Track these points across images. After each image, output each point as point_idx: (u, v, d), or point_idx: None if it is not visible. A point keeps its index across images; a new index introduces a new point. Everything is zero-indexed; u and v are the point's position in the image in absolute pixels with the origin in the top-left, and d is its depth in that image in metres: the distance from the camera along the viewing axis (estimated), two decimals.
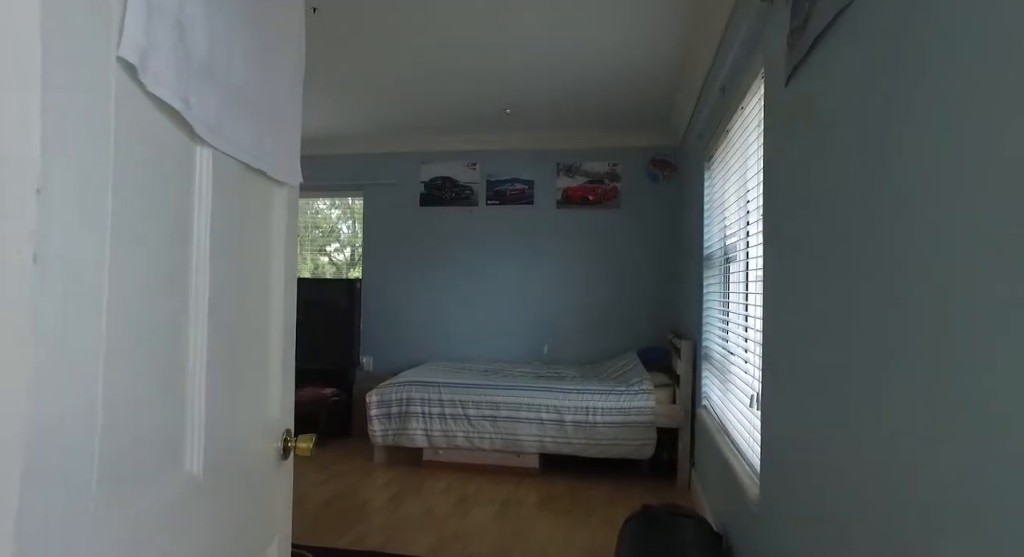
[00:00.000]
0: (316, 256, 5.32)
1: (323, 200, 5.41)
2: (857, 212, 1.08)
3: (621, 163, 4.89)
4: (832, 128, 1.24)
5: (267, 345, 1.10)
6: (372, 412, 3.87)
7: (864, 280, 1.04)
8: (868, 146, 1.04)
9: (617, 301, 4.84)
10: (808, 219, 1.39)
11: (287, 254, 1.18)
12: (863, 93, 1.07)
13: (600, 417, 3.63)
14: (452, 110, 4.34)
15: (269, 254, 1.11)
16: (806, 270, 1.39)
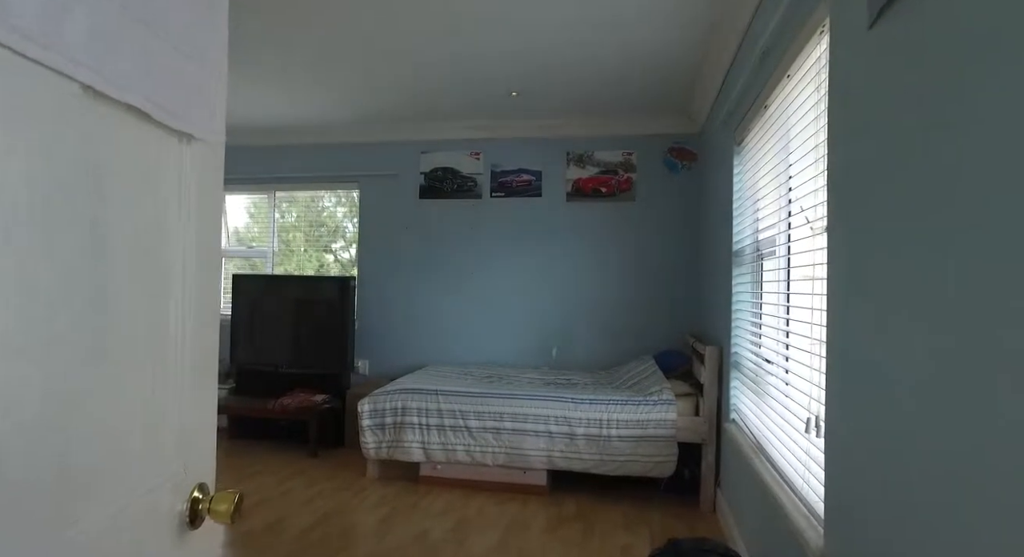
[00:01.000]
0: (321, 255, 4.98)
1: (328, 198, 5.06)
2: (1003, 185, 0.73)
3: (637, 152, 4.52)
4: (961, 69, 0.88)
5: (162, 361, 0.76)
6: (364, 422, 3.53)
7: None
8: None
9: (632, 301, 4.48)
10: (917, 198, 1.03)
11: (203, 231, 0.84)
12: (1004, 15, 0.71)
13: (615, 430, 3.28)
14: (454, 93, 3.99)
15: (165, 230, 0.77)
16: (913, 263, 1.03)
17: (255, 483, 3.46)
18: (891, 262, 1.12)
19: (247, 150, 5.06)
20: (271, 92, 4.02)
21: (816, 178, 1.82)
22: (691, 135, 4.40)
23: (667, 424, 3.23)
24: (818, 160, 1.83)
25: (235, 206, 5.28)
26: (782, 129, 2.28)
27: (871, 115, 1.24)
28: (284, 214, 5.02)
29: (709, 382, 3.20)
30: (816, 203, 1.81)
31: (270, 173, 5.01)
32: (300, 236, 4.96)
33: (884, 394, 1.14)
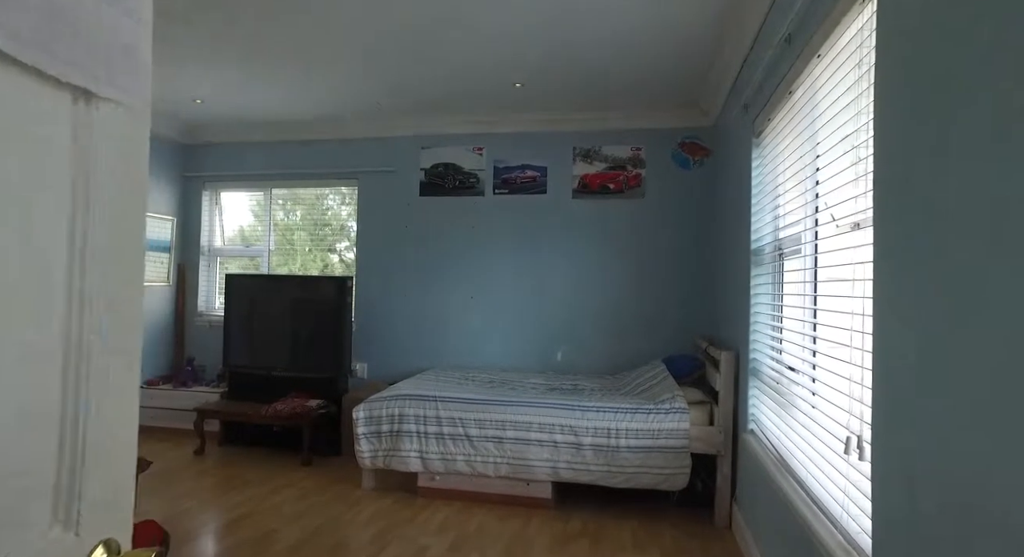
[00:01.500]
0: (326, 255, 4.80)
1: (332, 197, 4.87)
2: None
3: (646, 147, 4.33)
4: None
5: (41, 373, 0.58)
6: (359, 430, 3.35)
7: None
8: None
9: (641, 302, 4.28)
10: (997, 185, 0.83)
11: (115, 208, 0.66)
12: None
13: (624, 440, 3.08)
14: (455, 84, 3.81)
15: (54, 212, 0.59)
16: (988, 262, 0.84)
17: (242, 494, 3.29)
18: (961, 261, 0.93)
19: (241, 147, 4.90)
20: (262, 85, 3.85)
21: (852, 168, 1.63)
22: (704, 129, 4.20)
23: (679, 434, 3.03)
24: (855, 148, 1.64)
25: (236, 204, 5.09)
26: (809, 116, 2.09)
27: (936, 92, 1.04)
28: (288, 213, 4.84)
29: (724, 390, 3.00)
30: (853, 195, 1.62)
31: (265, 170, 4.84)
32: (304, 236, 4.77)
33: (955, 415, 0.94)
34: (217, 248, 5.06)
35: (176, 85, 3.90)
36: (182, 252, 4.97)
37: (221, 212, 5.07)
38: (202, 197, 4.99)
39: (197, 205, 4.99)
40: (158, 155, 4.74)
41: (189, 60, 3.50)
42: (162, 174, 4.78)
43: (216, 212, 5.05)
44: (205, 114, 4.52)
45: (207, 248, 5.03)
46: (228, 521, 2.91)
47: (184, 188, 4.98)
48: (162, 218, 4.77)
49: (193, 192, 4.99)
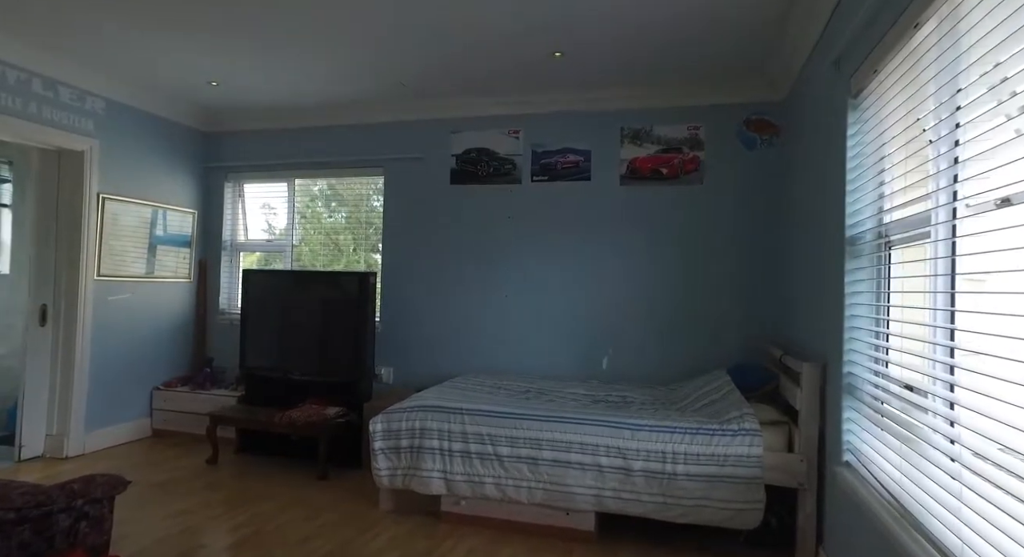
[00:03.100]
0: (369, 255, 4.46)
1: (376, 198, 4.50)
2: None
3: (705, 126, 3.80)
4: None
5: None
6: (376, 445, 2.97)
7: None
8: None
9: (700, 302, 3.75)
10: None
11: None
12: None
13: (682, 466, 2.59)
14: (487, 57, 3.38)
15: None
16: None
17: (249, 511, 2.96)
18: None
19: (261, 134, 4.62)
20: (279, 63, 3.52)
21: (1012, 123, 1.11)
22: (773, 104, 3.64)
23: (751, 461, 2.52)
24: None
25: (263, 197, 4.80)
26: (944, 58, 1.56)
27: None
28: (332, 213, 4.52)
29: (807, 409, 2.47)
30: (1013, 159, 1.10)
31: (286, 159, 4.54)
32: (349, 237, 4.42)
33: None
34: (240, 243, 4.80)
35: (188, 64, 3.62)
36: (203, 247, 4.73)
37: (244, 204, 4.81)
38: (224, 189, 4.74)
39: (219, 197, 4.74)
40: (177, 144, 4.50)
41: (199, 34, 3.19)
42: (183, 164, 4.55)
43: (239, 204, 4.79)
44: (223, 98, 4.25)
45: (229, 243, 4.77)
46: (225, 546, 2.56)
47: (206, 179, 4.74)
48: (183, 211, 4.53)
49: (215, 183, 4.75)
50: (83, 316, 3.82)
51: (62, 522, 2.05)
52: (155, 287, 4.34)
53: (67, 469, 3.58)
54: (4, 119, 3.39)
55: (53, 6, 2.90)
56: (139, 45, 3.35)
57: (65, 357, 3.81)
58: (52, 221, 3.84)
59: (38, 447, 3.80)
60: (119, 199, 4.02)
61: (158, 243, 4.35)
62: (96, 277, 3.88)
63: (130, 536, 2.62)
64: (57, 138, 3.66)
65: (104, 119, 3.92)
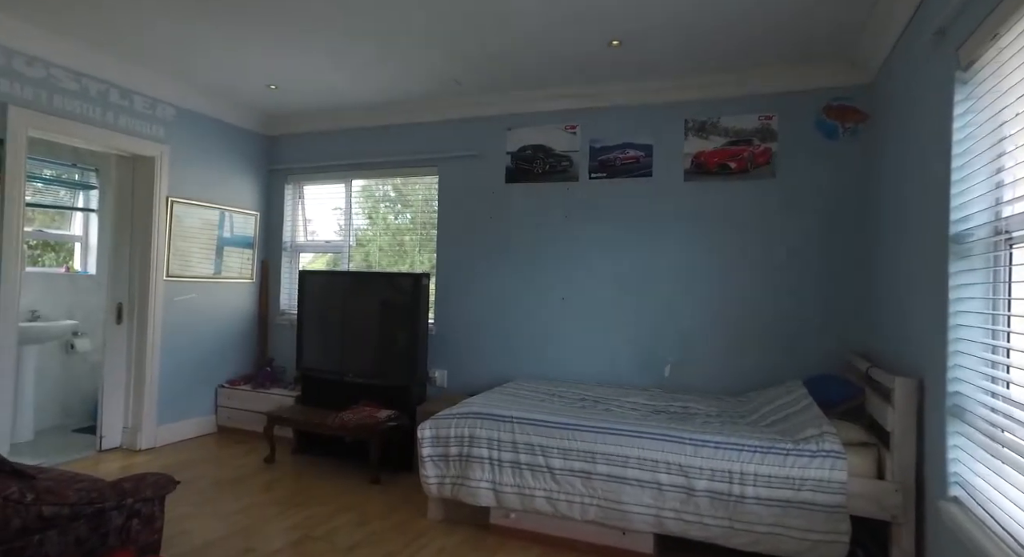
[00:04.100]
0: (433, 256, 4.42)
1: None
2: None
3: (778, 115, 3.49)
4: None
5: None
6: (424, 451, 2.88)
7: None
8: None
9: (772, 306, 3.45)
10: None
11: None
12: None
13: (752, 488, 2.34)
14: (542, 49, 3.24)
15: None
16: None
17: (300, 514, 2.95)
18: None
19: (318, 136, 4.68)
20: (333, 65, 3.51)
21: None
22: (857, 87, 3.29)
23: (832, 487, 2.24)
24: None
25: (324, 197, 4.87)
26: None
27: None
28: (398, 216, 4.52)
29: (902, 431, 2.17)
30: None
31: (342, 160, 4.57)
32: (415, 238, 4.39)
33: None
34: (299, 243, 4.88)
35: (248, 69, 3.69)
36: (265, 248, 4.85)
37: (304, 206, 4.89)
38: (284, 190, 4.84)
39: (280, 199, 4.84)
40: (241, 148, 4.63)
41: (256, 42, 3.23)
42: (246, 168, 4.68)
43: (299, 206, 4.88)
44: (282, 102, 4.33)
45: (289, 243, 4.87)
46: (272, 550, 2.55)
47: (268, 182, 4.85)
48: (246, 213, 4.66)
49: (276, 185, 4.86)
50: (154, 315, 3.98)
51: (115, 519, 2.07)
52: (220, 287, 4.47)
53: (140, 461, 3.73)
54: (89, 129, 3.57)
55: (132, 19, 3.01)
56: (204, 52, 3.43)
57: (139, 354, 3.98)
58: (127, 224, 4.02)
59: (116, 438, 3.99)
60: (187, 202, 4.17)
61: (224, 244, 4.49)
62: (165, 277, 4.04)
63: (183, 535, 2.66)
64: (132, 145, 3.83)
65: (173, 125, 4.07)
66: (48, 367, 4.45)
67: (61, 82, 3.43)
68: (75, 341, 4.56)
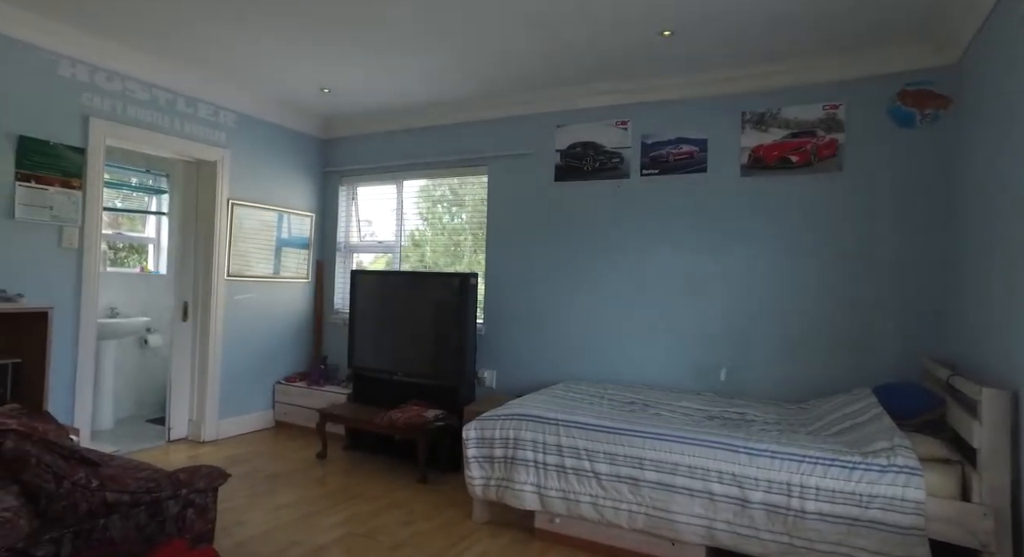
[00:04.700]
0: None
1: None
2: None
3: (846, 103, 3.26)
4: None
5: None
6: (469, 452, 2.86)
7: None
8: None
9: (837, 308, 3.23)
10: None
11: None
12: None
13: (813, 502, 2.18)
14: (591, 43, 3.16)
15: None
16: None
17: (347, 511, 2.98)
18: None
19: (370, 138, 4.77)
20: (382, 65, 3.56)
21: None
22: (940, 70, 3.03)
23: (907, 506, 2.04)
24: None
25: (376, 198, 4.96)
26: None
27: None
28: (454, 217, 4.55)
29: (991, 448, 1.96)
30: None
31: (393, 161, 4.63)
32: (470, 239, 4.40)
33: None
34: (353, 244, 4.99)
35: (301, 75, 3.80)
36: (320, 248, 4.98)
37: (357, 207, 4.99)
38: (339, 192, 4.96)
39: (334, 200, 4.97)
40: (298, 151, 4.78)
41: (309, 47, 3.32)
42: (302, 170, 4.82)
43: (353, 207, 4.99)
44: (335, 105, 4.43)
45: (343, 244, 4.98)
46: (318, 545, 2.58)
47: (323, 184, 4.99)
48: (302, 214, 4.80)
49: (331, 187, 4.98)
50: (216, 313, 4.16)
51: (171, 508, 2.15)
52: (277, 287, 4.63)
53: (203, 452, 3.90)
54: (159, 136, 3.78)
55: (198, 31, 3.15)
56: (261, 59, 3.55)
57: (202, 350, 4.17)
58: (192, 226, 4.22)
59: (183, 430, 4.20)
60: (246, 204, 4.34)
61: (282, 245, 4.64)
62: (226, 277, 4.21)
63: (237, 526, 2.74)
64: (196, 150, 4.02)
65: (234, 130, 4.25)
66: (125, 361, 4.74)
67: (135, 93, 3.64)
68: (148, 337, 4.83)
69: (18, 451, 1.77)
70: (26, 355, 3.00)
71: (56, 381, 3.15)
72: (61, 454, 1.87)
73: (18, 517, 1.73)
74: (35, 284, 3.16)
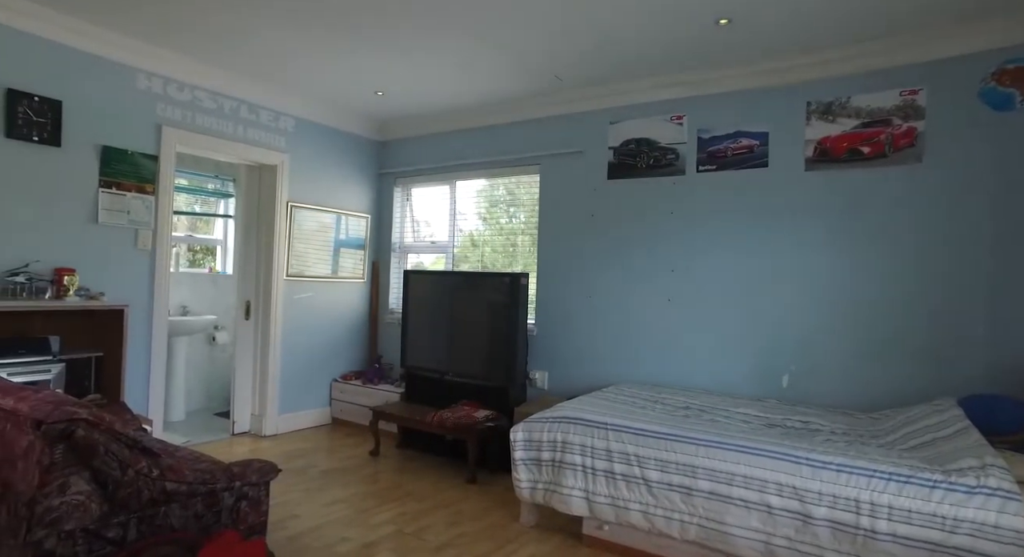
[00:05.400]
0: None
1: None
2: None
3: (927, 88, 3.00)
4: None
5: None
6: (517, 454, 2.82)
7: None
8: None
9: (915, 311, 2.97)
10: None
11: None
12: None
13: (885, 522, 2.00)
14: (645, 34, 3.06)
15: None
16: None
17: (396, 510, 3.01)
18: None
19: (424, 139, 4.82)
20: (435, 66, 3.58)
21: None
22: None
23: (1002, 535, 1.84)
24: None
25: (425, 199, 5.02)
26: None
27: None
28: (512, 217, 4.55)
29: None
30: None
31: (446, 162, 4.66)
32: (528, 240, 4.38)
33: None
34: (407, 244, 5.06)
35: (357, 78, 3.88)
36: (376, 249, 5.08)
37: (412, 208, 5.06)
38: (393, 193, 5.04)
39: (389, 201, 5.05)
40: (354, 154, 4.89)
41: (363, 50, 3.38)
42: (358, 172, 4.93)
43: (407, 208, 5.06)
44: (389, 107, 4.50)
45: (398, 245, 5.06)
46: (365, 542, 2.61)
47: (378, 185, 5.09)
48: (358, 216, 4.91)
49: (386, 189, 5.08)
50: (276, 312, 4.31)
51: (226, 500, 2.22)
52: (334, 287, 4.75)
53: (263, 446, 4.05)
54: (224, 142, 3.97)
55: (259, 41, 3.28)
56: (319, 64, 3.65)
57: (263, 347, 4.33)
58: (254, 227, 4.40)
59: (246, 424, 4.38)
60: (305, 206, 4.48)
61: (340, 246, 4.77)
62: (285, 277, 4.36)
63: (291, 519, 2.82)
64: (259, 155, 4.18)
65: (293, 135, 4.39)
66: (195, 356, 5.00)
67: (202, 102, 3.83)
68: (216, 334, 5.08)
69: (88, 439, 1.87)
70: (106, 349, 3.20)
71: (132, 374, 3.34)
72: (125, 443, 1.96)
73: (90, 500, 1.84)
74: (114, 283, 3.37)
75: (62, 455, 1.80)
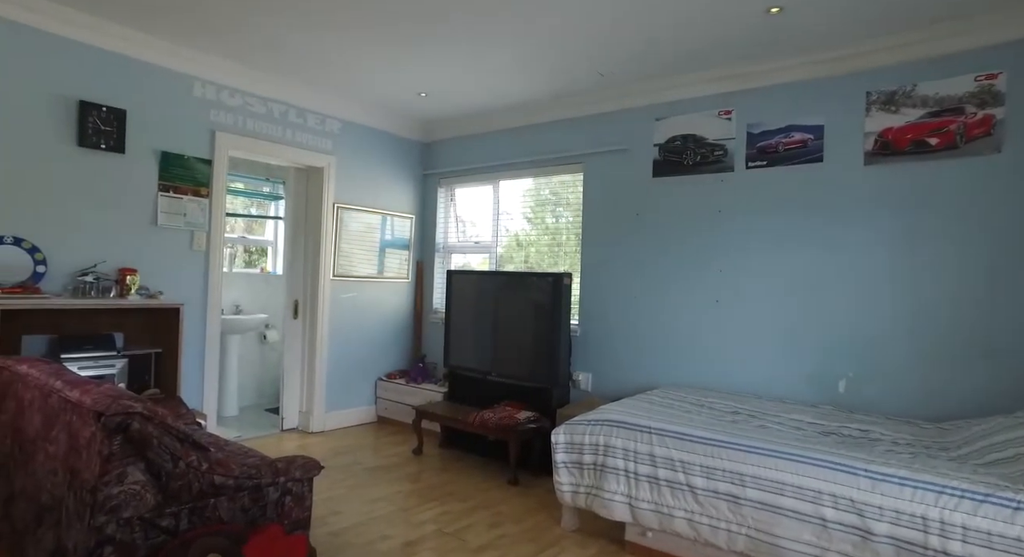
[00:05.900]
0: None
1: None
2: None
3: (1008, 71, 2.78)
4: None
5: None
6: (558, 457, 2.77)
7: None
8: None
9: (988, 313, 2.76)
10: None
11: None
12: None
13: (958, 543, 1.85)
14: (692, 26, 2.96)
15: None
16: None
17: (438, 509, 3.01)
18: None
19: (467, 139, 4.83)
20: (477, 69, 3.58)
21: None
22: None
23: None
24: None
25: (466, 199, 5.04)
26: None
27: None
28: (558, 218, 4.53)
29: None
30: None
31: (489, 162, 4.65)
32: (574, 238, 4.33)
33: None
34: (451, 244, 5.08)
35: (400, 80, 3.92)
36: (420, 249, 5.13)
37: (456, 208, 5.08)
38: (437, 194, 5.08)
39: (433, 202, 5.09)
40: (399, 155, 4.95)
41: (406, 51, 3.41)
42: (403, 173, 4.99)
43: (451, 208, 5.09)
44: (432, 108, 4.53)
45: (442, 245, 5.09)
46: (406, 541, 2.62)
47: (422, 186, 5.13)
48: (403, 216, 4.97)
49: (430, 189, 5.12)
50: (323, 311, 4.41)
51: (271, 495, 2.27)
52: (379, 286, 4.82)
53: (311, 442, 4.14)
54: (275, 146, 4.09)
55: (305, 46, 3.36)
56: (364, 67, 3.71)
57: (310, 345, 4.43)
58: (302, 228, 4.51)
59: (294, 420, 4.49)
60: (350, 207, 4.56)
61: (385, 246, 4.84)
62: (332, 277, 4.46)
63: (334, 515, 2.86)
64: (306, 158, 4.29)
65: (339, 137, 4.48)
66: (247, 354, 5.17)
67: (252, 107, 3.95)
68: (267, 332, 5.24)
69: (143, 432, 1.94)
70: (164, 346, 3.34)
71: (187, 370, 3.48)
72: (177, 437, 2.03)
73: (145, 490, 1.91)
74: (172, 283, 3.52)
75: (120, 446, 1.87)
